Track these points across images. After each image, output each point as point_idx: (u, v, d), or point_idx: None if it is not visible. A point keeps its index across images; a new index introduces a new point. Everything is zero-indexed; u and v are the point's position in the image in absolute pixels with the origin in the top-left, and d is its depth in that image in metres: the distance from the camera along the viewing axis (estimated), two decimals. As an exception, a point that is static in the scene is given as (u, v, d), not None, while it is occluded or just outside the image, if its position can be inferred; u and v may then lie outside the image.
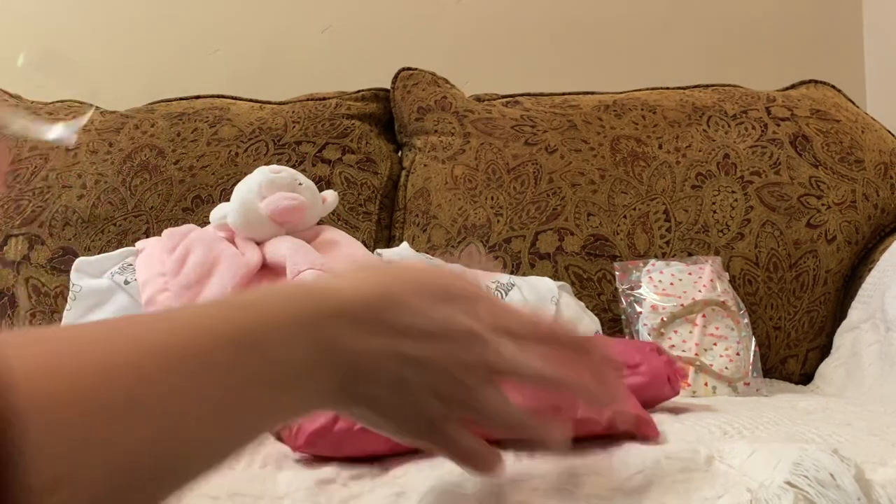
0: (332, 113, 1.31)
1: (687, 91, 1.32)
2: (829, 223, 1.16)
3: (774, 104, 1.27)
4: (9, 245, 1.16)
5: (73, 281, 0.87)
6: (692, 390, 0.93)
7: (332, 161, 1.26)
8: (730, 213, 1.16)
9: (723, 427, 0.59)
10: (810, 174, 1.19)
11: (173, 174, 1.22)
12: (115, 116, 1.31)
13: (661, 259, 1.09)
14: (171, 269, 0.84)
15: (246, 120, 1.29)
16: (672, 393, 0.72)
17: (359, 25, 1.70)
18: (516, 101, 1.33)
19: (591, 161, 1.21)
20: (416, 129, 1.31)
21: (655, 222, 1.16)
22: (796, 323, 1.14)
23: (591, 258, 1.14)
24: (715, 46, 1.72)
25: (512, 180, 1.20)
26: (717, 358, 0.96)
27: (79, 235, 1.17)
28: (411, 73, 1.36)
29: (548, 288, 0.97)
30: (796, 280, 1.14)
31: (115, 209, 1.19)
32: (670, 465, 0.47)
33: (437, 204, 1.21)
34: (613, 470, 0.46)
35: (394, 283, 0.41)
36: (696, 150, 1.22)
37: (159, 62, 1.69)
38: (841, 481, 0.42)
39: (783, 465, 0.44)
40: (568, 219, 1.16)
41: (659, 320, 0.98)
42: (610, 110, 1.28)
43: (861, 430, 0.58)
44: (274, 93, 1.41)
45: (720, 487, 0.44)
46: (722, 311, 0.99)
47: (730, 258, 1.14)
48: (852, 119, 1.26)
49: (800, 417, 0.65)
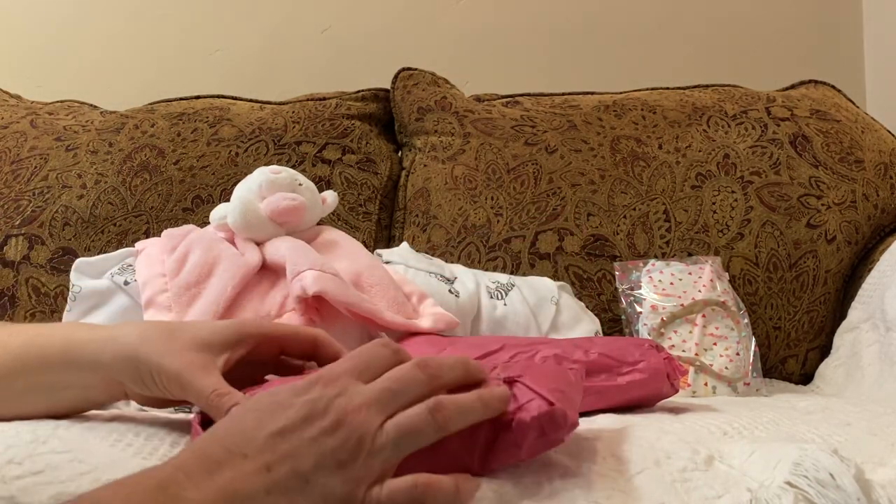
0: (332, 113, 1.31)
1: (687, 91, 1.32)
2: (829, 223, 1.16)
3: (774, 104, 1.27)
4: (9, 245, 1.16)
5: (72, 282, 0.87)
6: (692, 390, 0.93)
7: (332, 161, 1.26)
8: (730, 213, 1.17)
9: (723, 427, 0.59)
10: (810, 174, 1.19)
11: (173, 174, 1.22)
12: (115, 116, 1.31)
13: (661, 259, 1.09)
14: (171, 270, 0.84)
15: (246, 120, 1.29)
16: (672, 391, 0.72)
17: (359, 25, 1.70)
18: (516, 101, 1.33)
19: (591, 161, 1.21)
20: (416, 130, 1.31)
21: (655, 222, 1.16)
22: (796, 323, 1.14)
23: (591, 258, 1.14)
24: (715, 46, 1.72)
25: (512, 180, 1.20)
26: (716, 358, 0.96)
27: (79, 235, 1.17)
28: (411, 73, 1.36)
29: (548, 288, 0.98)
30: (796, 280, 1.14)
31: (115, 209, 1.19)
32: (670, 465, 0.47)
33: (437, 204, 1.21)
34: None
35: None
36: (696, 150, 1.22)
37: (159, 62, 1.69)
38: (841, 481, 0.42)
39: (783, 465, 0.44)
40: (568, 219, 1.16)
41: (659, 320, 0.98)
42: (610, 110, 1.28)
43: (861, 430, 0.58)
44: (274, 93, 1.41)
45: (720, 487, 0.44)
46: (722, 311, 0.99)
47: (730, 258, 1.14)
48: (852, 119, 1.26)
49: (800, 417, 0.65)
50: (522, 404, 0.45)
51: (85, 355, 0.53)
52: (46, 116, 1.32)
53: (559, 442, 0.45)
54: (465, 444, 0.44)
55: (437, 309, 0.86)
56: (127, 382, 0.53)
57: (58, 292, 1.14)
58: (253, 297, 0.82)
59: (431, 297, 0.88)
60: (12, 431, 0.49)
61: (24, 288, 1.14)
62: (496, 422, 0.44)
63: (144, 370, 0.51)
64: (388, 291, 0.84)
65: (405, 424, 0.40)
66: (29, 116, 1.32)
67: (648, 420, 0.65)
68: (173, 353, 0.51)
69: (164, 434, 0.53)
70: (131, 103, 1.38)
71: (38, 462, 0.45)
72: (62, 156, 1.24)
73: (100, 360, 0.52)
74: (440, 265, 0.98)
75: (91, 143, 1.26)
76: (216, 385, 0.49)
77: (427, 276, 0.93)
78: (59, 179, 1.21)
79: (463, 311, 0.90)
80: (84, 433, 0.50)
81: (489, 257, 1.15)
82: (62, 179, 1.21)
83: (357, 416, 0.40)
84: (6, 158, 1.25)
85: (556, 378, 0.48)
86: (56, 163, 1.23)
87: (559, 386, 0.46)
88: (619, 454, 0.49)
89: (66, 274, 1.12)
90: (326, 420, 0.39)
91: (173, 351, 0.51)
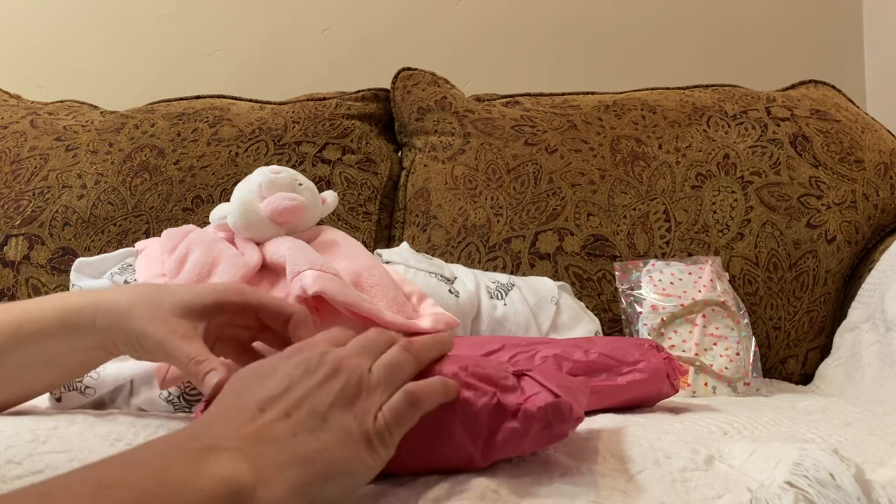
0: (332, 113, 1.31)
1: (687, 91, 1.32)
2: (829, 223, 1.16)
3: (774, 104, 1.27)
4: (9, 245, 1.16)
5: (72, 282, 0.87)
6: (692, 390, 0.93)
7: (332, 161, 1.26)
8: (730, 213, 1.16)
9: (723, 427, 0.59)
10: (810, 174, 1.19)
11: (173, 174, 1.22)
12: (115, 116, 1.31)
13: (661, 259, 1.09)
14: (171, 270, 0.84)
15: (246, 120, 1.29)
16: (672, 390, 0.72)
17: (359, 25, 1.70)
18: (516, 101, 1.33)
19: (591, 161, 1.21)
20: (416, 130, 1.31)
21: (655, 222, 1.16)
22: (796, 323, 1.14)
23: (591, 258, 1.14)
24: (715, 46, 1.72)
25: (512, 180, 1.20)
26: (717, 358, 0.96)
27: (79, 235, 1.17)
28: (411, 73, 1.36)
29: (548, 288, 0.97)
30: (796, 280, 1.14)
31: (115, 209, 1.19)
32: (670, 465, 0.47)
33: (437, 204, 1.21)
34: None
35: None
36: (696, 150, 1.22)
37: (159, 62, 1.69)
38: (841, 481, 0.42)
39: (783, 465, 0.44)
40: (568, 219, 1.16)
41: (659, 320, 0.98)
42: (610, 110, 1.28)
43: (861, 430, 0.58)
44: (274, 93, 1.42)
45: (720, 487, 0.44)
46: (722, 311, 0.99)
47: (730, 258, 1.14)
48: (852, 119, 1.26)
49: (800, 417, 0.65)
50: (529, 396, 0.45)
51: (81, 321, 0.55)
52: (46, 116, 1.32)
53: (563, 436, 0.45)
54: (469, 433, 0.45)
55: (437, 309, 0.86)
56: (119, 345, 0.56)
57: (58, 292, 1.14)
58: (253, 297, 0.82)
59: (431, 297, 0.88)
60: (12, 431, 0.49)
61: (24, 288, 1.14)
62: (501, 411, 0.45)
63: (133, 337, 0.54)
64: (388, 291, 0.84)
65: (389, 361, 0.45)
66: (29, 116, 1.32)
67: (648, 420, 0.65)
68: (157, 321, 0.54)
69: (164, 434, 0.53)
70: (131, 103, 1.38)
71: (38, 462, 0.45)
72: (62, 156, 1.24)
73: (95, 325, 0.55)
74: (440, 265, 0.98)
75: (91, 143, 1.26)
76: (196, 352, 0.52)
77: (427, 276, 0.93)
78: (59, 179, 1.21)
79: (463, 311, 0.90)
80: (84, 433, 0.50)
81: (489, 257, 1.15)
82: (62, 179, 1.21)
83: (349, 361, 0.44)
84: (6, 158, 1.25)
85: (563, 377, 0.49)
86: (56, 163, 1.23)
87: (565, 383, 0.47)
88: (619, 454, 0.49)
89: (65, 274, 1.13)
90: (324, 369, 0.43)
91: (157, 318, 0.54)
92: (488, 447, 0.45)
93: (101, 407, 0.74)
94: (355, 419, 0.41)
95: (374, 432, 0.41)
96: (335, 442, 0.40)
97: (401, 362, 0.46)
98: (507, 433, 0.45)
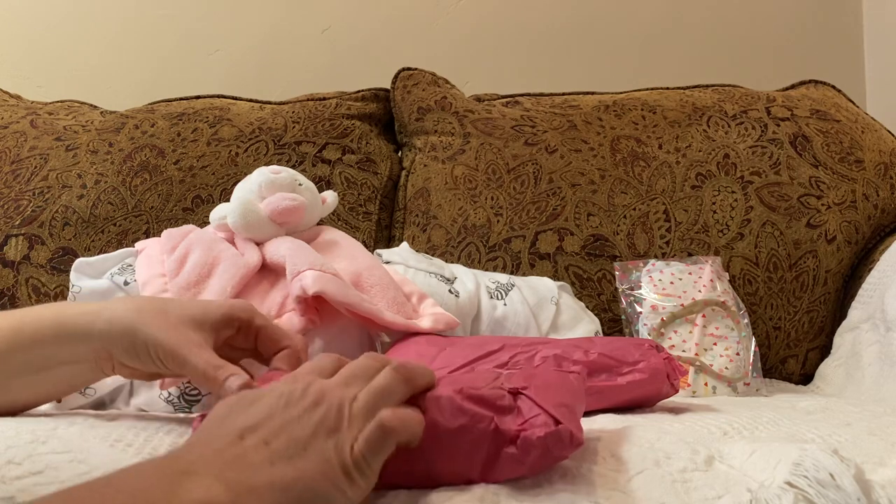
0: (332, 113, 1.31)
1: (687, 91, 1.32)
2: (829, 223, 1.16)
3: (774, 104, 1.27)
4: (9, 245, 1.16)
5: (72, 282, 0.87)
6: (692, 390, 0.93)
7: (332, 161, 1.26)
8: (730, 213, 1.16)
9: (723, 427, 0.59)
10: (810, 174, 1.19)
11: (173, 174, 1.22)
12: (115, 116, 1.31)
13: (661, 259, 1.09)
14: (171, 270, 0.84)
15: (246, 120, 1.29)
16: (672, 391, 0.71)
17: (359, 25, 1.70)
18: (516, 101, 1.33)
19: (591, 161, 1.21)
20: (416, 130, 1.31)
21: (655, 222, 1.16)
22: (796, 323, 1.14)
23: (591, 258, 1.14)
24: (715, 46, 1.72)
25: (512, 180, 1.20)
26: (716, 358, 0.96)
27: (79, 235, 1.17)
28: (411, 73, 1.36)
29: (548, 288, 0.97)
30: (796, 280, 1.14)
31: (115, 209, 1.19)
32: (670, 466, 0.47)
33: (437, 204, 1.21)
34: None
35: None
36: (696, 150, 1.22)
37: (159, 62, 1.69)
38: (841, 481, 0.42)
39: (783, 465, 0.44)
40: (568, 219, 1.16)
41: (659, 320, 0.98)
42: (610, 110, 1.28)
43: (861, 430, 0.58)
44: (274, 93, 1.42)
45: (720, 487, 0.44)
46: (722, 311, 0.99)
47: (730, 258, 1.14)
48: (852, 119, 1.26)
49: (800, 417, 0.65)
50: (528, 419, 0.44)
51: (77, 327, 0.55)
52: (46, 116, 1.32)
53: (563, 458, 0.45)
54: (467, 457, 0.44)
55: (436, 309, 0.86)
56: (118, 354, 0.55)
57: (58, 292, 1.14)
58: (253, 297, 0.82)
59: (431, 298, 0.88)
60: (12, 432, 0.49)
61: (24, 288, 1.14)
62: (499, 437, 0.44)
63: (140, 343, 0.54)
64: (387, 291, 0.84)
65: (376, 387, 0.44)
66: (29, 116, 1.32)
67: (648, 420, 0.65)
68: (168, 329, 0.54)
69: (164, 434, 0.53)
70: (131, 103, 1.38)
71: (38, 462, 0.45)
72: (62, 156, 1.24)
73: (91, 331, 0.54)
74: (440, 265, 0.98)
75: (91, 143, 1.26)
76: (212, 359, 0.53)
77: (427, 276, 0.93)
78: (59, 179, 1.21)
79: (463, 311, 0.90)
80: (84, 433, 0.50)
81: (489, 257, 1.15)
82: (62, 179, 1.21)
83: (333, 392, 0.43)
84: (6, 158, 1.25)
85: (560, 390, 0.47)
86: (56, 163, 1.23)
87: (564, 399, 0.46)
88: (619, 454, 0.49)
89: (66, 274, 1.13)
90: (306, 400, 0.42)
91: (168, 326, 0.54)
92: (487, 471, 0.44)
93: (101, 407, 0.75)
94: (334, 449, 0.41)
95: (351, 462, 0.40)
96: (314, 471, 0.39)
97: (391, 387, 0.45)
98: (506, 459, 0.44)
